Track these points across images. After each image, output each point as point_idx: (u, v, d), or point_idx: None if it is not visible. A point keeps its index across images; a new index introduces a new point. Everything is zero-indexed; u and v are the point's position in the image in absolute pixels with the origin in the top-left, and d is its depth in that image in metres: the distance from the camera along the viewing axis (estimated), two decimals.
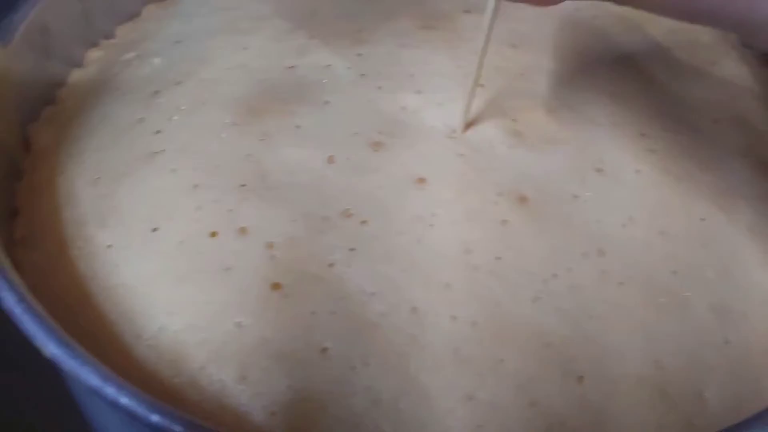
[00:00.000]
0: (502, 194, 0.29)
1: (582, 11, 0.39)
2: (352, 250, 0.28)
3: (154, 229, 0.29)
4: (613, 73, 0.35)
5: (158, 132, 0.32)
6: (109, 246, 0.29)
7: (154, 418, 0.21)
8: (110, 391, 0.21)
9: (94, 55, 0.38)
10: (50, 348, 0.22)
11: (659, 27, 0.40)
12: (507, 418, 0.25)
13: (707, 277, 0.29)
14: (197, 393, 0.26)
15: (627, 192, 0.30)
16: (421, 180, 0.30)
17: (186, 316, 0.27)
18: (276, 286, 0.27)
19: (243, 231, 0.28)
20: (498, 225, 0.29)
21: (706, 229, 0.30)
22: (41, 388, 0.36)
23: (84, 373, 0.22)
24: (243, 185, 0.29)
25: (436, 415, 0.25)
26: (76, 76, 0.37)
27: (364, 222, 0.28)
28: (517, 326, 0.27)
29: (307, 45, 0.35)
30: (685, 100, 0.35)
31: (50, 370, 0.24)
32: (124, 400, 0.21)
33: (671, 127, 0.33)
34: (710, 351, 0.27)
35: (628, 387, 0.26)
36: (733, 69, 0.39)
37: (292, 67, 0.34)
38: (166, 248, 0.28)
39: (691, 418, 0.26)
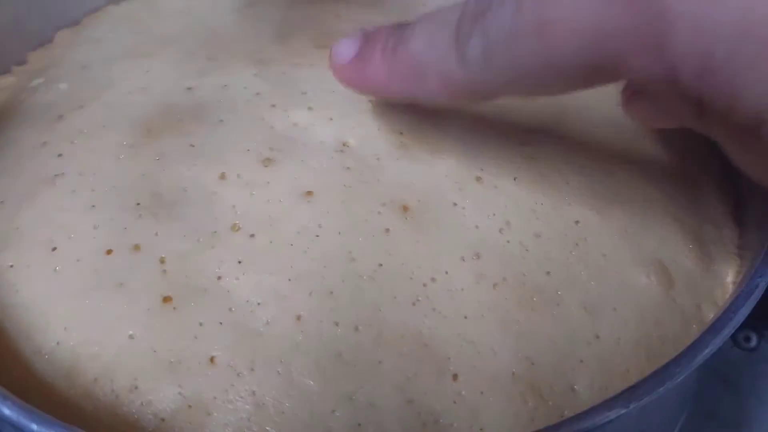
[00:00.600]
0: (385, 204, 0.31)
1: None
2: (240, 262, 0.29)
3: (54, 248, 0.30)
4: None
5: (60, 155, 0.33)
6: (11, 266, 0.30)
7: (34, 427, 0.23)
8: None
9: (4, 82, 0.39)
10: None
11: None
12: (385, 417, 0.27)
13: (579, 276, 0.31)
14: (92, 404, 0.27)
15: (504, 198, 0.32)
16: (309, 193, 0.31)
17: (81, 331, 0.28)
18: (167, 299, 0.28)
19: (136, 248, 0.30)
20: (381, 233, 0.30)
21: (580, 231, 0.32)
22: None
23: None
24: (138, 203, 0.31)
25: (317, 416, 0.27)
26: None
27: (252, 235, 0.30)
28: (396, 329, 0.28)
29: (206, 67, 0.36)
30: (569, 108, 0.37)
31: None
32: (6, 411, 0.23)
33: (553, 134, 0.35)
34: (581, 346, 0.29)
35: (501, 383, 0.28)
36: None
37: (190, 88, 0.35)
38: (64, 266, 0.30)
39: (562, 410, 0.28)
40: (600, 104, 0.38)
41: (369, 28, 0.30)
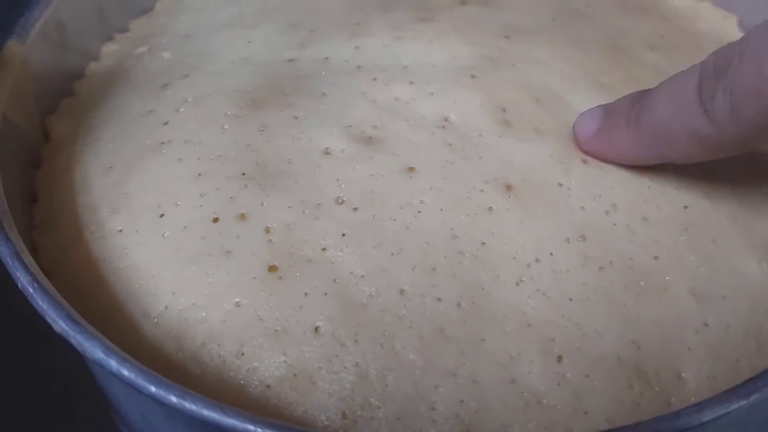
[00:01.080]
0: (488, 182, 0.31)
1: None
2: (344, 235, 0.29)
3: (161, 215, 0.31)
4: (605, 61, 0.36)
5: (166, 123, 0.34)
6: (120, 230, 0.31)
7: (152, 389, 0.23)
8: (113, 363, 0.23)
9: (109, 48, 0.40)
10: (60, 324, 0.24)
11: (654, 13, 0.41)
12: (487, 394, 0.27)
13: (688, 262, 0.30)
14: (199, 367, 0.28)
15: (611, 180, 0.31)
16: (411, 169, 0.31)
17: (189, 296, 0.29)
18: (272, 269, 0.29)
19: (242, 217, 0.30)
20: (484, 212, 0.30)
21: (689, 216, 0.31)
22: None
23: (89, 347, 0.24)
24: (243, 174, 0.31)
25: (420, 391, 0.27)
26: (93, 68, 0.39)
27: (355, 209, 0.30)
28: (499, 308, 0.28)
29: (307, 38, 0.36)
30: None
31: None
32: (125, 372, 0.23)
33: None
34: (689, 333, 0.29)
35: (606, 367, 0.28)
36: None
37: (292, 60, 0.36)
38: (171, 233, 0.30)
39: (668, 397, 0.28)
40: None
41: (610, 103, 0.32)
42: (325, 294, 0.28)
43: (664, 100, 0.28)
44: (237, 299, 0.28)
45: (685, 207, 0.31)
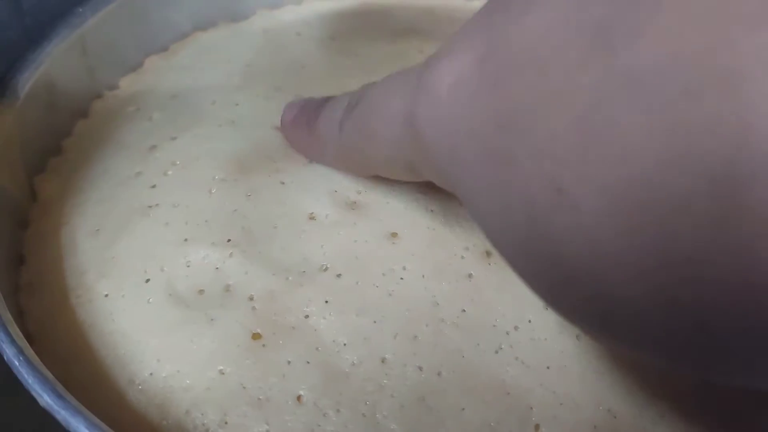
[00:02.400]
0: (468, 249, 0.31)
1: None
2: (327, 302, 0.30)
3: (147, 280, 0.31)
4: None
5: (154, 186, 0.34)
6: (106, 295, 0.31)
7: None
8: None
9: (98, 105, 0.41)
10: (45, 398, 0.25)
11: None
12: None
13: None
14: None
15: None
16: (394, 234, 0.32)
17: (174, 363, 0.29)
18: (256, 336, 0.29)
19: (227, 288, 0.31)
20: (464, 279, 0.31)
21: None
22: None
23: (74, 423, 0.24)
24: (229, 240, 0.32)
25: None
26: (81, 126, 0.40)
27: (339, 275, 0.31)
28: (479, 376, 0.29)
29: None
30: None
31: None
32: None
33: None
34: (663, 400, 0.29)
35: None
36: None
37: (279, 126, 0.36)
38: (156, 299, 0.31)
39: None
40: None
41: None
42: (308, 362, 0.29)
43: (326, 111, 0.32)
44: (221, 367, 0.29)
45: None
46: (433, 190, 0.33)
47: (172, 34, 0.45)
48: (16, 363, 0.26)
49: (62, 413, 0.24)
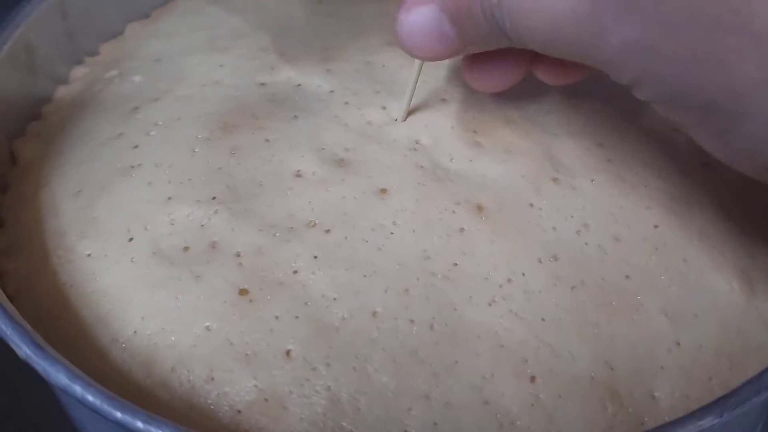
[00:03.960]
0: (459, 203, 0.31)
1: None
2: (315, 257, 0.29)
3: (130, 239, 0.30)
4: (576, 84, 0.36)
5: (136, 147, 0.33)
6: (88, 255, 0.31)
7: (118, 414, 0.23)
8: (77, 389, 0.23)
9: (78, 72, 0.40)
10: (23, 349, 0.24)
11: None
12: (461, 417, 0.27)
13: (659, 281, 0.30)
14: (168, 393, 0.27)
15: (582, 200, 0.31)
16: (383, 191, 0.31)
17: (158, 321, 0.28)
18: (243, 292, 0.28)
19: (213, 245, 0.30)
20: (456, 233, 0.30)
21: (659, 235, 0.31)
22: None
23: (53, 372, 0.23)
24: (214, 198, 0.31)
25: (393, 414, 0.27)
26: (61, 92, 0.39)
27: (327, 231, 0.30)
28: (472, 329, 0.28)
29: (278, 62, 0.36)
30: (647, 110, 0.36)
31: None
32: (90, 398, 0.23)
33: (630, 137, 0.34)
34: (661, 352, 0.29)
35: (579, 387, 0.28)
36: None
37: (263, 84, 0.36)
38: (140, 257, 0.30)
39: (642, 417, 0.28)
40: None
41: None
42: (296, 317, 0.28)
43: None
44: (207, 323, 0.28)
45: (656, 226, 0.31)
46: (423, 147, 0.33)
47: (154, 1, 0.44)
48: None
49: (41, 363, 0.23)
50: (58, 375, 0.23)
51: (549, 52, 0.26)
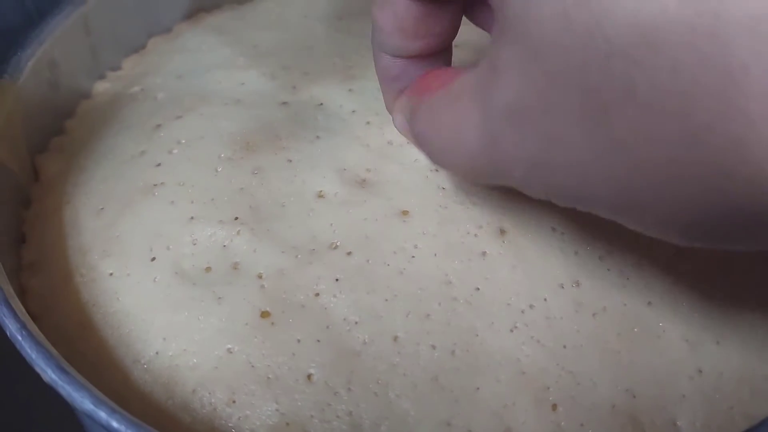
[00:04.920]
0: (481, 227, 0.31)
1: None
2: (337, 280, 0.29)
3: (153, 259, 0.31)
4: None
5: (159, 165, 0.34)
6: (111, 274, 0.31)
7: None
8: (102, 415, 0.23)
9: (101, 87, 0.40)
10: (48, 374, 0.24)
11: None
12: None
13: (681, 307, 0.30)
14: (189, 415, 0.27)
15: (605, 225, 0.31)
16: (405, 212, 0.31)
17: (180, 342, 0.28)
18: (265, 315, 0.29)
19: (235, 266, 0.30)
20: (477, 257, 0.30)
21: (681, 262, 0.31)
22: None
23: (78, 398, 0.23)
24: (236, 218, 0.31)
25: None
26: (84, 107, 0.39)
27: (349, 253, 0.30)
28: (493, 355, 0.28)
29: (300, 81, 0.37)
30: None
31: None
32: (115, 424, 0.23)
33: None
34: (683, 380, 0.29)
35: (601, 415, 0.27)
36: None
37: (285, 103, 0.36)
38: (162, 277, 0.30)
39: None
40: None
41: None
42: (318, 341, 0.28)
43: None
44: (229, 346, 0.28)
45: (678, 252, 0.31)
46: (443, 169, 0.33)
47: (177, 15, 0.44)
48: (19, 338, 0.25)
49: (66, 388, 0.23)
50: (83, 400, 0.23)
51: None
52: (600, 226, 0.31)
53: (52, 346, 0.26)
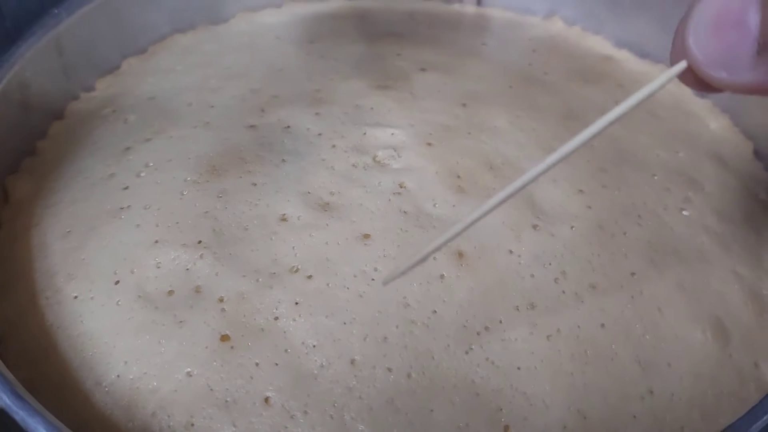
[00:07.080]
0: (440, 250, 0.31)
1: (534, 66, 0.41)
2: (297, 304, 0.30)
3: (116, 282, 0.31)
4: (558, 128, 0.37)
5: (126, 188, 0.34)
6: (75, 297, 0.31)
7: None
8: None
9: (74, 107, 0.41)
10: (3, 399, 0.24)
11: (610, 80, 0.42)
12: None
13: (634, 330, 0.30)
14: None
15: (561, 248, 0.32)
16: (366, 236, 0.32)
17: (141, 365, 0.29)
18: (225, 338, 0.29)
19: (197, 289, 0.30)
20: (436, 279, 0.31)
21: (636, 284, 0.32)
22: None
23: (32, 423, 0.24)
24: (200, 241, 0.31)
25: None
26: (56, 128, 0.40)
27: (310, 277, 0.30)
28: (448, 377, 0.29)
29: (268, 104, 0.37)
30: (629, 156, 0.37)
31: None
32: None
33: (610, 183, 0.35)
34: (634, 401, 0.29)
35: None
36: (683, 124, 0.41)
37: (253, 126, 0.36)
38: (126, 300, 0.30)
39: None
40: (658, 153, 0.38)
41: None
42: (276, 364, 0.28)
43: None
44: (188, 369, 0.29)
45: (632, 274, 0.32)
46: (407, 191, 0.33)
47: (151, 36, 0.44)
48: None
49: (20, 414, 0.24)
50: (36, 427, 0.24)
51: None
52: (556, 248, 0.32)
53: (16, 370, 0.27)
